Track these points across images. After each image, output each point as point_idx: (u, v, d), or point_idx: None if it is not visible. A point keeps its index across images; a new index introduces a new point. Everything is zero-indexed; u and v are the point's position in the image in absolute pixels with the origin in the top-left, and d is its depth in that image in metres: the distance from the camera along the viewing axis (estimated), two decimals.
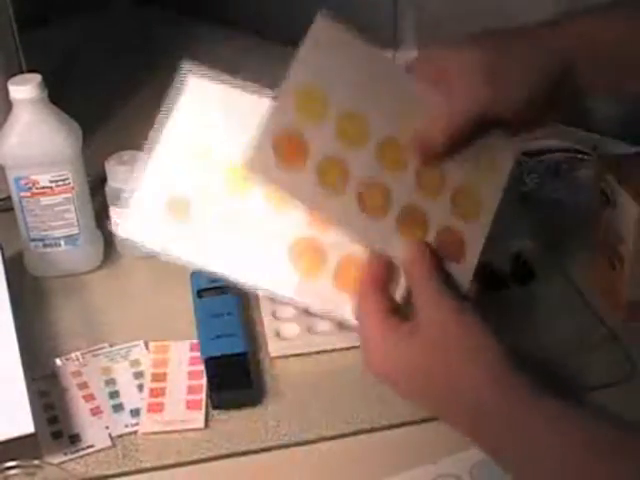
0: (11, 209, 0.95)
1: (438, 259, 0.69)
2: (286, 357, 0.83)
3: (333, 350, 0.83)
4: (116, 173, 0.93)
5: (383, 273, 0.68)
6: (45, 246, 0.93)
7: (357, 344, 0.69)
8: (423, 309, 0.65)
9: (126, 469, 0.74)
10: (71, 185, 0.92)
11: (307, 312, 0.75)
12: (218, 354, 0.80)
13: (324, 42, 0.73)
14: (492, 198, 0.73)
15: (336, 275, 0.71)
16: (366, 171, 0.70)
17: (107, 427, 0.77)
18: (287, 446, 0.75)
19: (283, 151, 0.68)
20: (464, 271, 0.70)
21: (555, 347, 0.81)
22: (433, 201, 0.72)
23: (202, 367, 0.80)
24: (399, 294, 0.69)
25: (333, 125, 0.70)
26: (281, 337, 0.84)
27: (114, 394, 0.79)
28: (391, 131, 0.71)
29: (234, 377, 0.78)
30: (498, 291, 0.88)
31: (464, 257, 0.71)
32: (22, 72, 0.97)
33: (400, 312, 0.66)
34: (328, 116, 0.70)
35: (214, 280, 0.83)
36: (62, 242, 0.93)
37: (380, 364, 0.66)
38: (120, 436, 0.76)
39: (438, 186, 0.72)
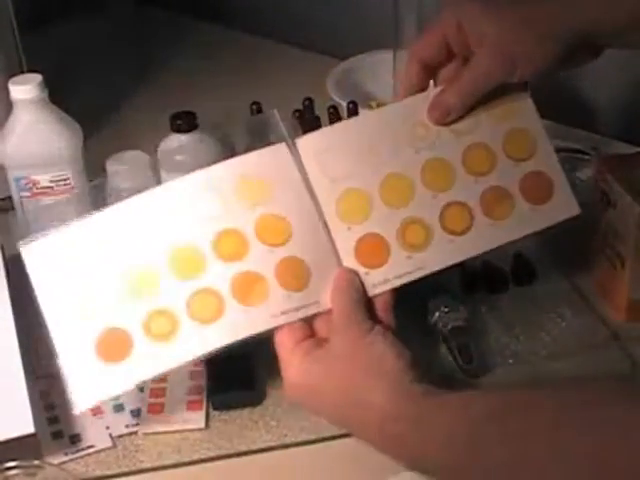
0: (11, 209, 0.95)
1: (359, 288, 0.72)
2: None
3: None
4: (116, 173, 0.93)
5: None
6: None
7: None
8: (334, 332, 0.70)
9: (126, 469, 0.74)
10: (71, 185, 0.92)
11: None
12: (219, 355, 0.80)
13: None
14: (535, 128, 0.78)
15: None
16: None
17: (107, 427, 0.77)
18: (287, 446, 0.75)
19: None
20: (563, 197, 0.76)
21: (555, 347, 0.81)
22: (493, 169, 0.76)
23: (203, 368, 0.80)
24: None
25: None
26: None
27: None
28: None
29: (235, 378, 0.78)
30: (498, 291, 0.88)
31: (554, 187, 0.77)
32: (22, 72, 0.97)
33: (318, 338, 0.71)
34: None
35: None
36: None
37: (295, 387, 0.70)
38: (120, 436, 0.76)
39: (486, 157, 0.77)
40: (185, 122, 0.93)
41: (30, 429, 0.71)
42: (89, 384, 0.70)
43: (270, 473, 0.74)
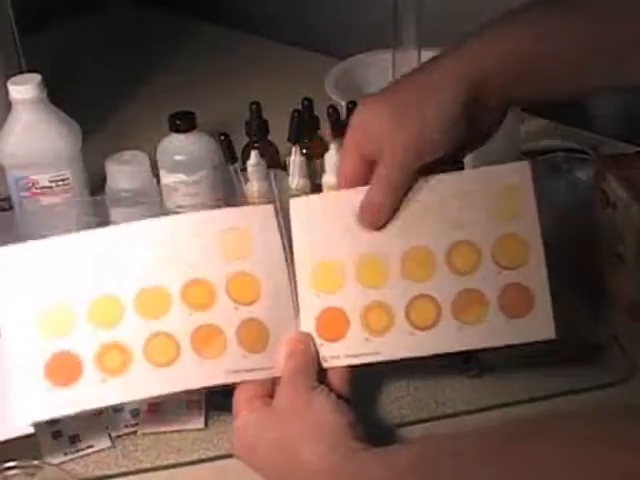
0: (11, 209, 0.95)
1: (311, 351, 0.73)
2: None
3: None
4: (116, 173, 0.93)
5: None
6: None
7: None
8: (279, 388, 0.70)
9: (125, 469, 0.74)
10: (71, 185, 0.92)
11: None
12: None
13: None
14: (531, 234, 0.73)
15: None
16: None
17: (107, 427, 0.77)
18: None
19: None
20: (541, 317, 0.72)
21: (555, 347, 0.81)
22: (480, 272, 0.73)
23: None
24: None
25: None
26: None
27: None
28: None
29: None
30: None
31: (534, 304, 0.72)
32: (22, 72, 0.97)
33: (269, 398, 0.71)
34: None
35: None
36: None
37: (240, 439, 0.70)
38: (120, 436, 0.76)
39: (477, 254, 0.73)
40: (184, 122, 0.93)
41: (30, 429, 0.71)
42: (32, 401, 0.71)
43: None
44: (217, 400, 0.78)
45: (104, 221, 0.91)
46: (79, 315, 0.72)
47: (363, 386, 0.75)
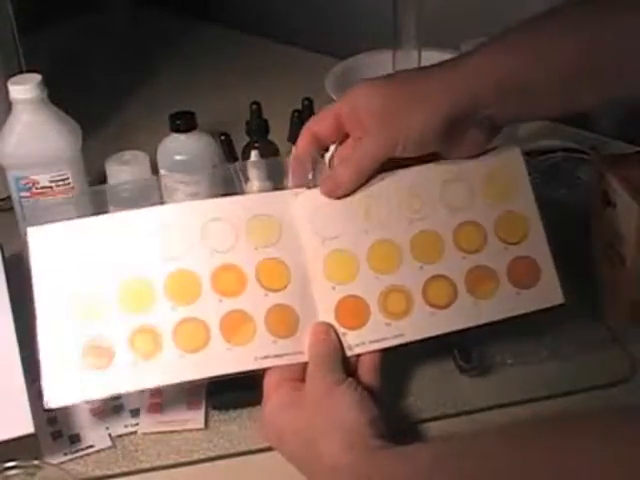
0: (11, 209, 0.95)
1: (335, 341, 0.73)
2: None
3: None
4: (116, 173, 0.93)
5: None
6: None
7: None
8: (308, 380, 0.71)
9: (126, 469, 0.74)
10: (71, 185, 0.92)
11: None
12: None
13: None
14: (528, 209, 0.78)
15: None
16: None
17: (107, 427, 0.77)
18: None
19: None
20: (548, 285, 0.77)
21: (555, 347, 0.81)
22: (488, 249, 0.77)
23: None
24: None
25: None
26: None
27: (115, 395, 0.79)
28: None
29: (234, 378, 0.78)
30: None
31: (541, 274, 0.77)
32: (22, 72, 0.97)
33: (301, 383, 0.72)
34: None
35: None
36: None
37: (267, 424, 0.71)
38: (120, 436, 0.76)
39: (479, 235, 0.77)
40: (185, 122, 0.93)
41: (30, 429, 0.71)
42: (67, 383, 0.71)
43: (270, 473, 0.74)
44: (217, 400, 0.78)
45: None
46: (113, 299, 0.72)
47: None
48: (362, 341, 0.74)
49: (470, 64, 0.75)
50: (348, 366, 0.73)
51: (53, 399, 0.71)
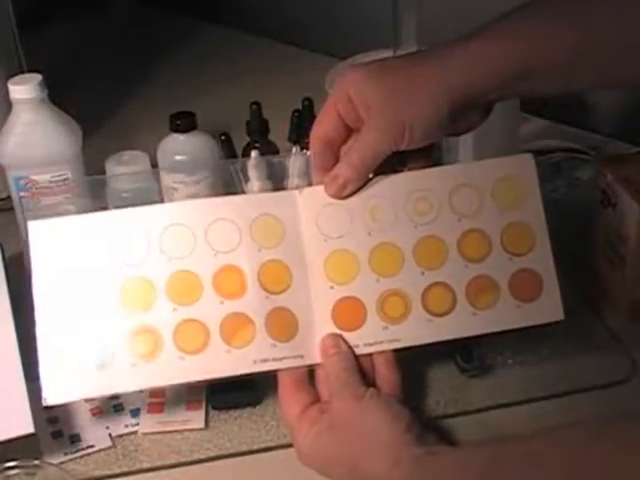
0: (11, 209, 0.95)
1: (348, 352, 0.73)
2: None
3: None
4: (116, 173, 0.93)
5: (300, 370, 0.73)
6: None
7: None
8: (333, 398, 0.70)
9: (126, 469, 0.74)
10: (71, 185, 0.91)
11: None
12: None
13: None
14: (536, 221, 0.76)
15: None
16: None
17: (107, 427, 0.77)
18: (287, 446, 0.74)
19: None
20: (550, 300, 0.75)
21: (555, 347, 0.81)
22: (490, 258, 0.76)
23: None
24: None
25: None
26: None
27: (114, 394, 0.79)
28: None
29: (235, 378, 0.78)
30: None
31: (543, 288, 0.76)
32: (22, 72, 0.97)
33: (321, 403, 0.71)
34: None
35: None
36: None
37: (309, 457, 0.70)
38: (120, 436, 0.76)
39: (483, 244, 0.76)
40: (185, 122, 0.93)
41: (30, 429, 0.71)
42: (65, 381, 0.71)
43: (270, 473, 0.74)
44: (217, 400, 0.78)
45: None
46: (114, 298, 0.72)
47: None
48: (357, 343, 0.74)
49: (469, 50, 0.72)
50: (364, 370, 0.73)
51: (52, 396, 0.71)
